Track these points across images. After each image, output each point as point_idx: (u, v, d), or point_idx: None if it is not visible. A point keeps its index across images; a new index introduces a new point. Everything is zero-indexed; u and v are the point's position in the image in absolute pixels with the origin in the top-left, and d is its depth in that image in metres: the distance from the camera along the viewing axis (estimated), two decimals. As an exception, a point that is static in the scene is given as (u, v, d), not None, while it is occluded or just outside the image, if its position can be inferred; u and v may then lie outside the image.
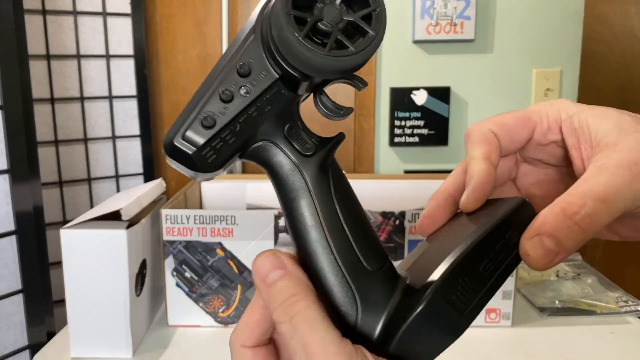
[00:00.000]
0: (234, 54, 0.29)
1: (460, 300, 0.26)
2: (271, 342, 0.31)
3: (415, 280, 0.28)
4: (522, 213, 0.29)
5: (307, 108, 0.33)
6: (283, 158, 0.30)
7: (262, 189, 1.11)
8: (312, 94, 0.31)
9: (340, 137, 0.31)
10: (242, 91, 0.29)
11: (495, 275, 0.27)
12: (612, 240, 0.33)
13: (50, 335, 0.94)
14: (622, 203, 0.26)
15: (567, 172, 0.33)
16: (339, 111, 0.30)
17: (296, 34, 0.26)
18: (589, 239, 0.26)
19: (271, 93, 0.29)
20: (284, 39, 0.26)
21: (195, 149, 0.28)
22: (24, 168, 0.89)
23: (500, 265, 0.27)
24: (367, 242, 0.29)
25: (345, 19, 0.27)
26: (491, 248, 0.27)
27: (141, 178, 1.32)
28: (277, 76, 0.29)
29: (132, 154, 1.30)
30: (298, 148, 0.30)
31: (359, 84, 0.30)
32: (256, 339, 0.30)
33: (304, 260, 0.29)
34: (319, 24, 0.27)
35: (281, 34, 0.26)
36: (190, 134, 0.28)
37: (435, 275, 0.26)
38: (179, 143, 0.28)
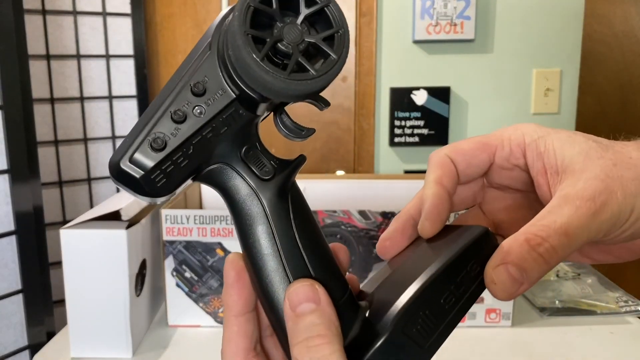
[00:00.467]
0: (188, 71, 0.27)
1: (421, 334, 0.25)
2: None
3: (376, 310, 0.27)
4: (484, 243, 0.28)
5: (304, 109, 0.33)
6: (240, 182, 0.28)
7: (262, 189, 1.11)
8: (272, 113, 0.30)
9: (300, 159, 0.30)
10: (196, 111, 0.27)
11: (457, 307, 0.26)
12: (584, 262, 0.34)
13: (50, 335, 0.93)
14: (586, 236, 0.26)
15: (534, 197, 0.32)
16: (300, 132, 0.28)
17: (254, 56, 0.24)
18: (552, 269, 0.26)
19: (228, 113, 0.27)
20: (242, 60, 0.25)
21: (143, 172, 0.26)
22: (23, 168, 0.89)
23: (462, 297, 0.27)
24: (327, 272, 0.28)
25: (306, 39, 0.26)
26: (453, 280, 0.26)
27: (141, 178, 1.32)
28: (235, 96, 0.27)
29: (132, 154, 1.30)
30: (256, 171, 0.28)
31: (322, 104, 0.28)
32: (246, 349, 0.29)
33: (260, 289, 0.28)
34: (278, 44, 0.25)
35: (238, 55, 0.25)
36: (138, 156, 0.26)
37: (396, 307, 0.25)
38: (125, 166, 0.26)
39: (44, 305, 0.95)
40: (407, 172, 1.44)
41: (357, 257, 0.85)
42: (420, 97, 1.39)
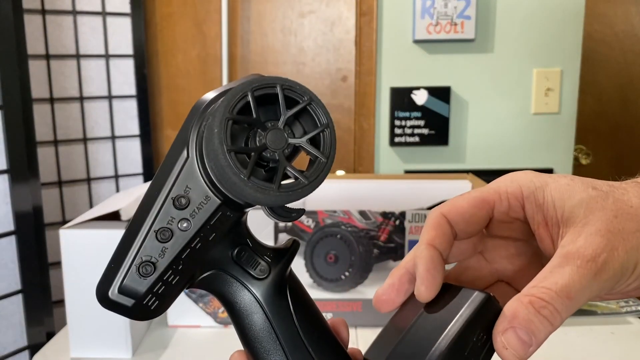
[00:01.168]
0: (167, 182, 0.26)
1: None
2: None
3: None
4: (489, 311, 0.28)
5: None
6: (236, 286, 0.27)
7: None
8: None
9: (294, 247, 0.29)
10: (182, 226, 0.25)
11: None
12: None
13: (50, 335, 0.93)
14: (588, 296, 0.26)
15: (536, 245, 0.31)
16: (290, 215, 0.27)
17: (241, 176, 0.23)
18: (557, 328, 0.26)
19: (215, 219, 0.26)
20: (227, 179, 0.23)
21: (134, 300, 0.25)
22: (23, 168, 0.89)
23: None
24: None
25: (291, 142, 0.25)
26: (463, 352, 0.26)
27: (141, 178, 1.31)
28: (220, 201, 0.25)
29: (131, 154, 1.30)
30: (251, 272, 0.27)
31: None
32: None
33: None
34: (262, 152, 0.24)
35: (222, 174, 0.23)
36: (127, 285, 0.25)
37: None
38: (115, 297, 0.25)
39: (43, 305, 0.95)
40: (407, 172, 1.44)
41: (357, 257, 0.85)
42: (420, 97, 1.39)
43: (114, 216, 0.75)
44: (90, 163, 1.25)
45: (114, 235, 0.74)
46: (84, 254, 0.75)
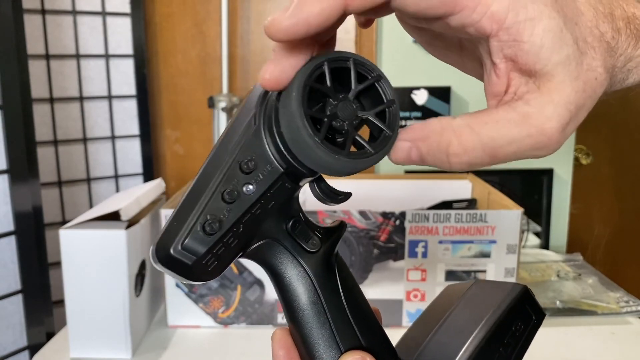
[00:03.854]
0: (233, 146, 0.27)
1: None
2: None
3: None
4: (526, 301, 0.28)
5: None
6: (287, 257, 0.28)
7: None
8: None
9: (342, 228, 0.29)
10: (247, 189, 0.26)
11: None
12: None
13: (50, 335, 0.93)
14: (506, 161, 0.24)
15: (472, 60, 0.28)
16: (336, 196, 0.27)
17: (316, 139, 0.24)
18: (452, 171, 0.24)
19: (275, 188, 0.27)
20: (300, 142, 0.24)
21: (195, 258, 0.25)
22: (23, 168, 0.89)
23: (511, 356, 0.27)
24: (377, 342, 0.28)
25: (360, 116, 0.25)
26: (500, 342, 0.27)
27: (140, 178, 1.31)
28: (282, 170, 0.26)
29: (131, 154, 1.30)
30: (303, 245, 0.28)
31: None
32: None
33: None
34: (332, 121, 0.25)
35: (297, 136, 0.24)
36: (190, 242, 0.25)
37: None
38: (177, 253, 0.25)
39: (43, 305, 0.95)
40: (407, 172, 1.44)
41: (357, 257, 0.85)
42: (420, 97, 1.39)
43: (114, 216, 0.75)
44: (90, 163, 1.25)
45: (114, 235, 0.74)
46: (84, 254, 0.75)
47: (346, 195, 0.28)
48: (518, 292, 0.28)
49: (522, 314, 0.28)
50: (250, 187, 0.26)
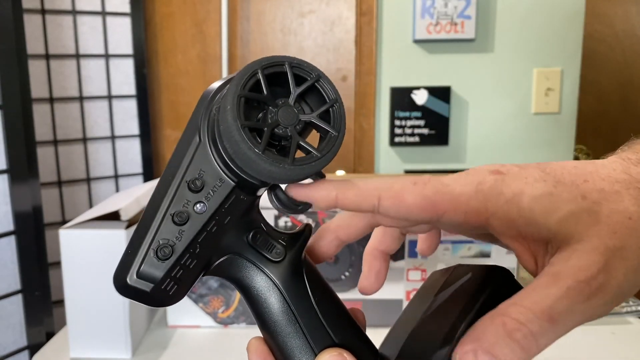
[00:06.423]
0: (180, 166, 0.26)
1: None
2: None
3: None
4: (504, 285, 0.28)
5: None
6: (252, 270, 0.27)
7: (261, 189, 1.10)
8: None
9: (307, 230, 0.29)
10: (198, 208, 0.25)
11: None
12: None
13: (50, 335, 0.93)
14: (576, 321, 0.23)
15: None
16: (296, 207, 0.26)
17: (256, 150, 0.23)
18: (534, 356, 0.23)
19: (229, 202, 0.26)
20: (242, 155, 0.24)
21: (153, 284, 0.25)
22: (22, 168, 0.89)
23: None
24: (354, 341, 0.28)
25: (302, 119, 0.25)
26: None
27: (140, 178, 1.31)
28: (234, 184, 0.26)
29: (131, 154, 1.30)
30: (267, 255, 0.27)
31: (318, 177, 0.27)
32: None
33: None
34: (274, 129, 0.24)
35: (237, 150, 0.24)
36: (145, 269, 0.25)
37: None
38: (133, 282, 0.25)
39: (43, 305, 0.95)
40: (407, 172, 1.44)
41: (357, 257, 0.85)
42: (420, 97, 1.39)
43: (113, 216, 0.75)
44: (90, 163, 1.25)
45: (114, 235, 0.74)
46: (83, 254, 0.75)
47: (305, 205, 0.26)
48: (498, 274, 0.28)
49: (501, 297, 0.27)
50: (201, 205, 0.26)
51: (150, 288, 0.25)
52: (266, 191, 0.27)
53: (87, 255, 0.75)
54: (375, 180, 0.26)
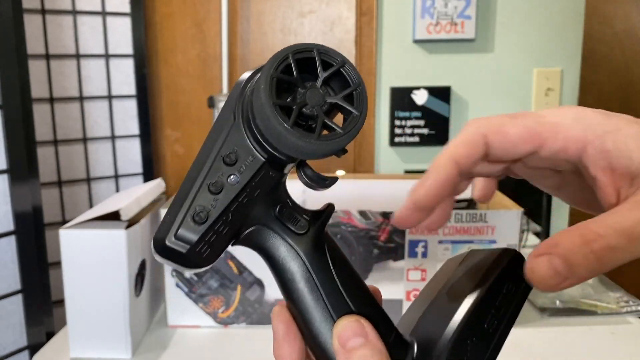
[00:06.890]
0: (216, 143, 0.29)
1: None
2: None
3: (423, 348, 0.28)
4: (516, 265, 0.29)
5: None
6: (277, 240, 0.29)
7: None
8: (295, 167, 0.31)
9: (330, 208, 0.31)
10: (231, 180, 0.28)
11: (501, 329, 0.28)
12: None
13: (50, 335, 0.93)
14: None
15: (574, 178, 0.29)
16: (324, 182, 0.29)
17: (285, 125, 0.26)
18: (604, 271, 0.23)
19: (259, 177, 0.28)
20: (272, 130, 0.26)
21: (189, 246, 0.27)
22: (23, 168, 0.89)
23: (504, 318, 0.28)
24: (372, 312, 0.29)
25: (328, 101, 0.27)
26: (492, 305, 0.28)
27: (140, 178, 1.31)
28: (264, 160, 0.28)
29: (131, 154, 1.30)
30: (292, 228, 0.29)
31: (341, 153, 0.29)
32: None
33: (310, 338, 0.29)
34: (303, 108, 0.27)
35: (268, 125, 0.26)
36: (182, 231, 0.27)
37: (443, 341, 0.27)
38: (171, 243, 0.27)
39: (43, 305, 0.95)
40: (407, 172, 1.44)
41: (357, 257, 0.85)
42: (420, 97, 1.39)
43: (114, 216, 0.75)
44: (90, 163, 1.25)
45: (114, 235, 0.74)
46: (83, 254, 0.75)
47: (332, 180, 0.29)
48: (509, 255, 0.29)
49: (512, 276, 0.29)
50: (234, 177, 0.28)
51: (187, 249, 0.27)
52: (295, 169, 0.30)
53: (87, 255, 0.75)
54: (471, 121, 0.28)
